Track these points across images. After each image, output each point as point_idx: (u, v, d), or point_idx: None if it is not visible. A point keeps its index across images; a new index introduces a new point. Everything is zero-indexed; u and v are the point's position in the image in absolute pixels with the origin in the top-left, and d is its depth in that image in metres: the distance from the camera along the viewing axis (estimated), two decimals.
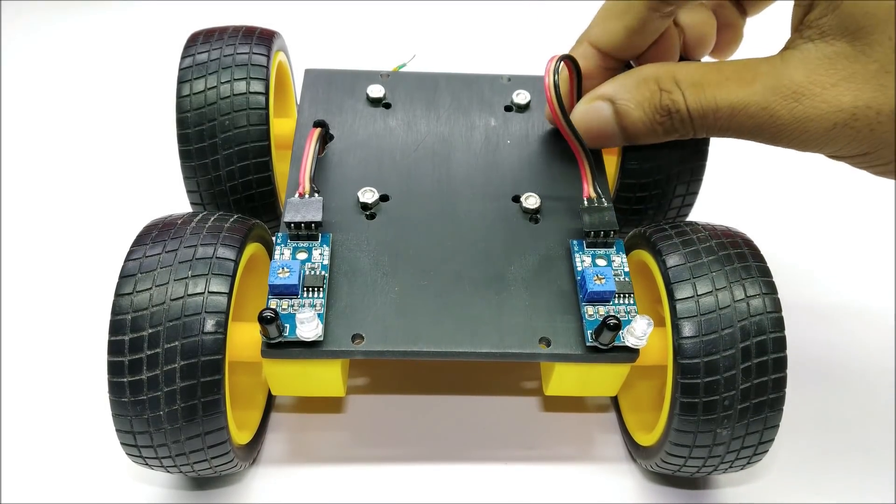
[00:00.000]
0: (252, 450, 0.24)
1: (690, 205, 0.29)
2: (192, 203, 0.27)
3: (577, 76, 0.25)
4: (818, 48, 0.21)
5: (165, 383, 0.19)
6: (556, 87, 0.24)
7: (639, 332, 0.21)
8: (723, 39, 0.27)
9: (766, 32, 0.29)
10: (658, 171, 0.27)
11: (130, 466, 0.25)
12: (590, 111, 0.25)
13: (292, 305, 0.22)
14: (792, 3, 0.22)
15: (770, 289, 0.21)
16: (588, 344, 0.22)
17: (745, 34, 0.28)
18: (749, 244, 0.23)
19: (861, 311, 0.32)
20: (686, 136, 0.24)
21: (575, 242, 0.24)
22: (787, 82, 0.21)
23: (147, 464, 0.21)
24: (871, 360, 0.30)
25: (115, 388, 0.20)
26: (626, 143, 0.25)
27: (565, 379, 0.23)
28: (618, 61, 0.25)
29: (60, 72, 0.42)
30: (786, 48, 0.22)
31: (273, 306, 0.21)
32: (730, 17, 0.27)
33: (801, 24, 0.21)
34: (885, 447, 0.27)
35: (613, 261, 0.24)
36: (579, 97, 0.25)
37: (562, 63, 0.24)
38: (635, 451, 0.25)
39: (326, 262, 0.23)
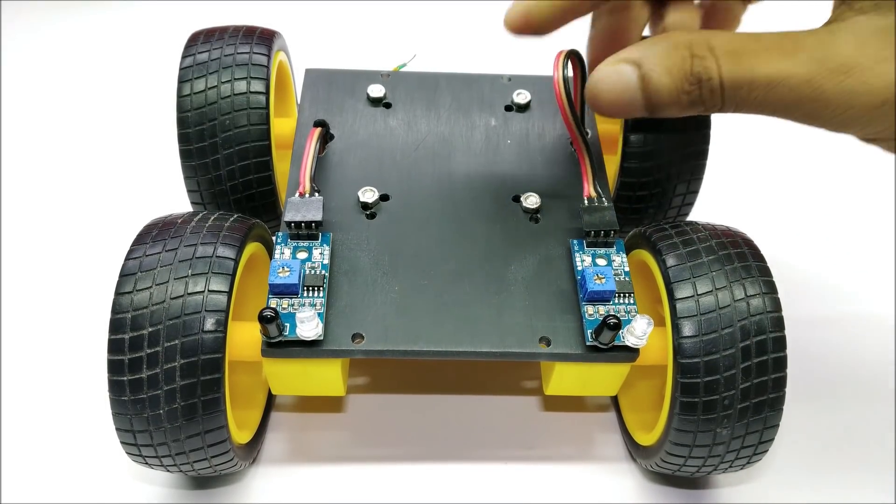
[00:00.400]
0: (252, 449, 0.24)
1: (691, 204, 0.29)
2: (192, 202, 0.27)
3: (581, 73, 0.25)
4: (870, 20, 0.19)
5: (165, 382, 0.19)
6: (565, 80, 0.23)
7: (639, 331, 0.21)
8: (718, 21, 0.26)
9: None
10: (658, 171, 0.27)
11: (130, 466, 0.25)
12: (612, 74, 0.22)
13: (292, 305, 0.22)
14: None
15: (770, 288, 0.21)
16: (588, 343, 0.22)
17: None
18: (749, 244, 0.23)
19: (861, 310, 0.32)
20: (712, 109, 0.22)
21: (575, 242, 0.24)
22: (834, 55, 0.19)
23: (147, 463, 0.21)
24: (871, 359, 0.30)
25: (115, 387, 0.20)
26: (646, 114, 0.23)
27: (565, 378, 0.23)
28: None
29: (60, 72, 0.42)
30: (832, 20, 0.20)
31: (273, 305, 0.21)
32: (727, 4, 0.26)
33: None
34: (885, 447, 0.27)
35: (613, 260, 0.24)
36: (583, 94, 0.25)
37: (569, 59, 0.24)
38: (635, 450, 0.25)
39: (327, 261, 0.23)
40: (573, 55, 0.24)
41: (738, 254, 0.22)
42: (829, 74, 0.20)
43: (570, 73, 0.24)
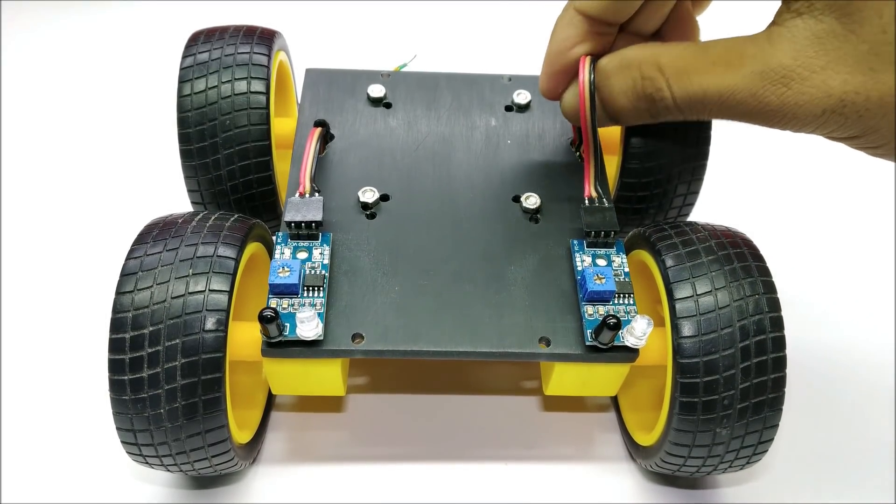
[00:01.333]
0: (252, 449, 0.24)
1: (691, 204, 0.29)
2: (192, 202, 0.27)
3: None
4: (807, 25, 0.19)
5: (166, 381, 0.20)
6: (592, 84, 0.23)
7: (638, 331, 0.21)
8: None
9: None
10: (659, 171, 0.27)
11: (131, 465, 0.25)
12: (577, 96, 0.24)
13: (292, 305, 0.22)
14: None
15: (769, 288, 0.21)
16: (588, 343, 0.22)
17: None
18: (748, 244, 0.23)
19: (861, 310, 0.32)
20: (677, 118, 0.23)
21: (575, 242, 0.24)
22: (775, 65, 0.20)
23: (147, 462, 0.21)
24: (870, 359, 0.30)
25: (116, 386, 0.20)
26: (617, 125, 0.25)
27: (565, 378, 0.23)
28: (607, 25, 0.24)
29: (61, 72, 0.42)
30: (774, 23, 0.20)
31: (273, 305, 0.21)
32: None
33: None
34: (885, 447, 0.27)
35: (613, 261, 0.24)
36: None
37: (594, 61, 0.24)
38: (635, 450, 0.25)
39: (327, 261, 0.23)
40: (598, 59, 0.24)
41: (737, 254, 0.22)
42: (770, 86, 0.20)
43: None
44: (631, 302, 0.23)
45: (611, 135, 0.29)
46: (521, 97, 0.29)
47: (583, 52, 0.24)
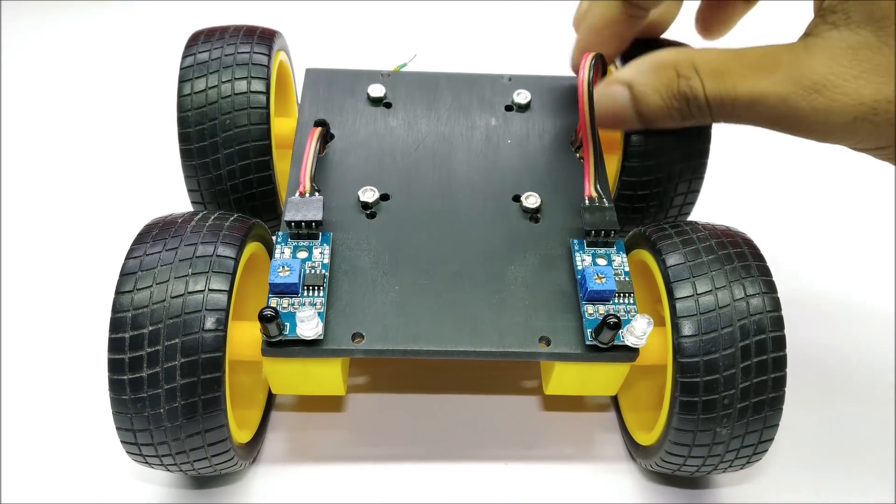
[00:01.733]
0: (252, 448, 0.24)
1: (692, 203, 0.29)
2: (192, 202, 0.27)
3: (603, 75, 0.25)
4: (842, 36, 0.20)
5: (166, 381, 0.19)
6: (590, 83, 0.24)
7: (638, 331, 0.21)
8: (716, 18, 0.27)
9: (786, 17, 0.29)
10: (659, 170, 0.27)
11: (131, 465, 0.25)
12: (606, 95, 0.24)
13: (292, 304, 0.22)
14: None
15: (770, 288, 0.21)
16: (588, 343, 0.22)
17: (747, 21, 0.28)
18: (749, 243, 0.23)
19: (861, 310, 0.32)
20: (704, 122, 0.23)
21: (575, 241, 0.24)
22: (808, 73, 0.20)
23: (147, 462, 0.21)
24: (871, 359, 0.30)
25: (116, 386, 0.20)
26: (642, 127, 0.25)
27: (565, 378, 0.23)
28: (642, 8, 0.25)
29: (61, 71, 0.42)
30: (808, 34, 0.21)
31: (273, 305, 0.21)
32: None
33: (824, 8, 0.20)
34: (885, 447, 0.27)
35: (614, 260, 0.24)
36: None
37: (594, 60, 0.25)
38: (635, 450, 0.25)
39: (327, 260, 0.23)
40: (599, 58, 0.25)
41: (737, 253, 0.22)
42: (803, 93, 0.20)
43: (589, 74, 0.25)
44: (631, 301, 0.23)
45: (611, 134, 0.29)
46: (522, 97, 0.29)
47: (616, 32, 0.25)
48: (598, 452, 0.26)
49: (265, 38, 0.28)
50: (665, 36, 0.28)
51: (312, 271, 0.22)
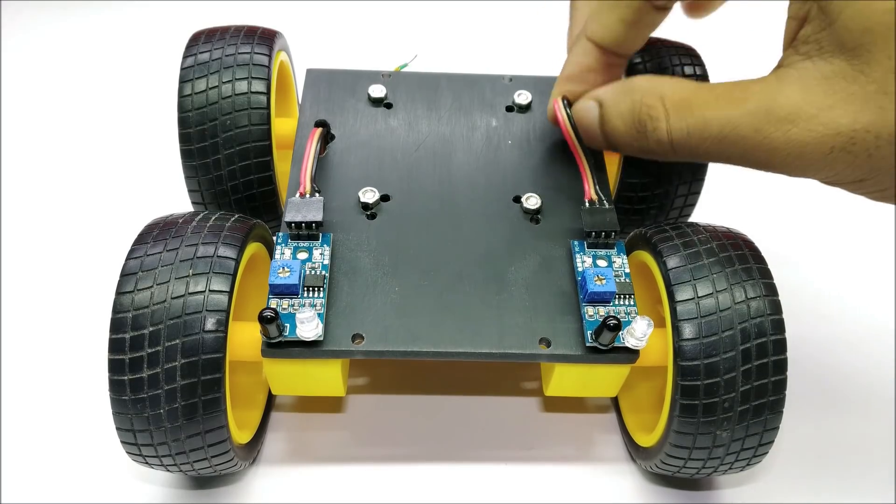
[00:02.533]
0: (252, 449, 0.24)
1: (692, 205, 0.29)
2: (193, 202, 0.27)
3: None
4: (816, 66, 0.19)
5: (166, 381, 0.19)
6: (570, 118, 0.25)
7: (639, 333, 0.21)
8: None
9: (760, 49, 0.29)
10: (660, 171, 0.27)
11: (131, 465, 0.25)
12: (580, 110, 0.25)
13: (293, 305, 0.22)
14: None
15: (771, 291, 0.21)
16: (588, 344, 0.22)
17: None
18: (750, 246, 0.23)
19: (862, 312, 0.32)
20: (664, 156, 0.23)
21: (576, 243, 0.24)
22: (782, 103, 0.20)
23: (147, 462, 0.21)
24: (871, 361, 0.30)
25: (116, 386, 0.20)
26: (607, 149, 0.25)
27: (565, 379, 0.23)
28: (619, 56, 0.24)
29: (61, 71, 0.42)
30: (780, 66, 0.20)
31: (273, 306, 0.21)
32: None
33: (796, 40, 0.20)
34: (885, 448, 0.27)
35: (614, 262, 0.24)
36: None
37: (564, 100, 0.25)
38: (635, 451, 0.25)
39: (327, 261, 0.23)
40: (565, 98, 0.25)
41: (738, 255, 0.22)
42: (776, 123, 0.20)
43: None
44: (631, 303, 0.23)
45: None
46: (522, 98, 0.29)
47: (596, 82, 0.25)
48: (598, 454, 0.26)
49: (266, 38, 0.28)
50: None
51: (312, 272, 0.22)
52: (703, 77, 0.28)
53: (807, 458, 0.26)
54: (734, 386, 0.20)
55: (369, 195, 0.25)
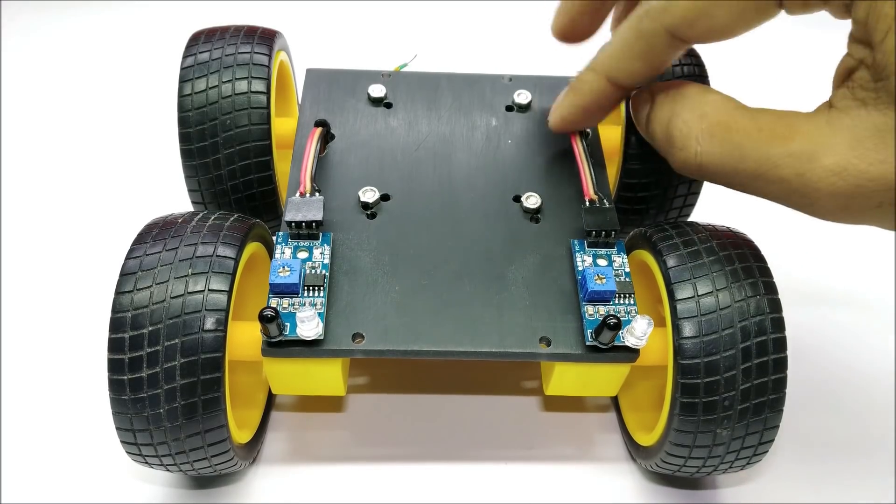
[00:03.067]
0: (252, 449, 0.24)
1: (692, 205, 0.29)
2: (193, 202, 0.27)
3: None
4: (870, 116, 0.18)
5: (165, 381, 0.19)
6: (586, 152, 0.25)
7: (639, 332, 0.21)
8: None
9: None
10: (659, 171, 0.27)
11: (131, 465, 0.25)
12: (636, 102, 0.24)
13: (293, 304, 0.22)
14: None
15: (771, 289, 0.21)
16: (588, 343, 0.22)
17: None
18: (750, 244, 0.23)
19: (862, 312, 0.32)
20: (693, 177, 0.22)
21: (576, 242, 0.24)
22: (830, 152, 0.18)
23: (147, 462, 0.21)
24: (871, 360, 0.30)
25: (115, 386, 0.20)
26: (641, 130, 0.24)
27: (565, 378, 0.23)
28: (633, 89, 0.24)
29: (61, 72, 0.42)
30: (832, 105, 0.19)
31: (273, 305, 0.21)
32: None
33: (852, 80, 0.19)
34: (885, 447, 0.27)
35: (614, 261, 0.24)
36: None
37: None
38: (635, 451, 0.25)
39: (327, 261, 0.23)
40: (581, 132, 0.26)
41: (738, 254, 0.22)
42: (822, 172, 0.19)
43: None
44: (631, 302, 0.23)
45: (612, 134, 0.29)
46: (522, 97, 0.29)
47: (601, 114, 0.24)
48: (599, 453, 0.26)
49: (266, 38, 0.28)
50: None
51: (313, 271, 0.22)
52: (702, 77, 0.28)
53: (807, 457, 0.26)
54: (734, 384, 0.20)
55: (369, 195, 0.25)
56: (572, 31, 0.25)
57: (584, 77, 0.23)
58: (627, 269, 0.23)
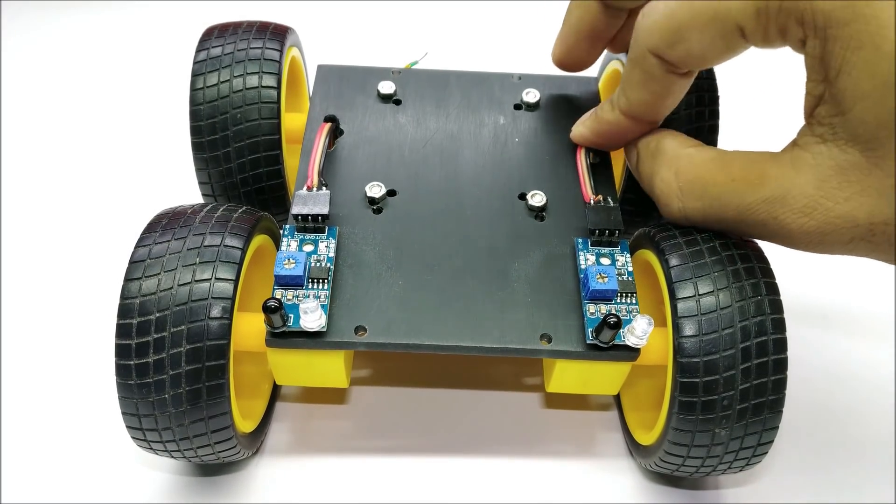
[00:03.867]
0: (256, 438, 0.25)
1: None
2: (203, 194, 0.28)
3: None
4: (831, 153, 0.19)
5: (171, 366, 0.20)
6: (589, 168, 0.26)
7: (639, 331, 0.21)
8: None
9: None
10: None
11: (137, 452, 0.25)
12: (628, 153, 0.25)
13: (297, 296, 0.22)
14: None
15: (772, 290, 0.21)
16: (589, 342, 0.22)
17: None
18: (753, 245, 0.23)
19: (862, 312, 0.31)
20: (682, 223, 0.23)
21: (579, 240, 0.24)
22: (797, 193, 0.19)
23: (152, 448, 0.22)
24: (872, 361, 0.30)
25: (122, 371, 0.20)
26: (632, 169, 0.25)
27: (566, 376, 0.23)
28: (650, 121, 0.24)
29: (77, 65, 0.42)
30: (797, 144, 0.20)
31: (278, 296, 0.22)
32: None
33: (812, 117, 0.19)
34: (885, 448, 0.27)
35: (617, 260, 0.24)
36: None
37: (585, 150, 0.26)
38: (635, 449, 0.25)
39: (332, 254, 0.23)
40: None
41: (741, 255, 0.22)
42: (792, 215, 0.19)
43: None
44: (633, 301, 0.23)
45: None
46: (531, 96, 0.29)
47: (622, 141, 0.25)
48: (599, 451, 0.26)
49: (277, 34, 0.28)
50: None
51: (318, 264, 0.23)
52: (711, 91, 0.28)
53: (807, 458, 0.26)
54: (733, 384, 0.20)
55: (376, 190, 0.25)
56: (570, 61, 0.27)
57: (605, 107, 0.25)
58: (630, 269, 0.23)
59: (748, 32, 0.19)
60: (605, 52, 0.31)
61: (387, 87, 0.29)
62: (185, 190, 0.30)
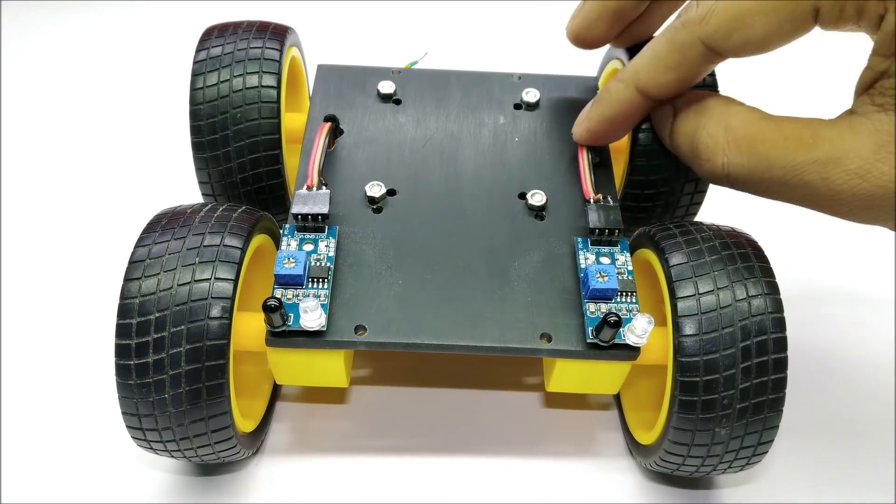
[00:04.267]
0: (256, 438, 0.25)
1: (699, 204, 0.29)
2: (203, 194, 0.28)
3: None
4: (891, 120, 0.19)
5: (171, 366, 0.20)
6: (591, 165, 0.26)
7: (639, 330, 0.21)
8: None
9: None
10: (666, 170, 0.27)
11: (137, 452, 0.25)
12: (657, 116, 0.24)
13: (297, 295, 0.22)
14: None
15: (772, 289, 0.21)
16: (589, 341, 0.22)
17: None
18: (753, 244, 0.23)
19: (862, 312, 0.31)
20: (721, 185, 0.23)
21: (579, 240, 0.24)
22: (853, 156, 0.19)
23: (152, 448, 0.22)
24: (871, 361, 0.30)
25: (122, 371, 0.20)
26: (663, 140, 0.25)
27: (566, 375, 0.23)
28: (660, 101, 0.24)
29: (77, 65, 0.42)
30: (853, 112, 0.20)
31: (278, 296, 0.22)
32: None
33: (873, 89, 0.19)
34: (885, 447, 0.27)
35: (617, 259, 0.24)
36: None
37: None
38: (635, 449, 0.25)
39: (332, 253, 0.23)
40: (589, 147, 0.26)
41: (741, 254, 0.22)
42: (845, 176, 0.19)
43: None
44: (633, 300, 0.23)
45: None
46: (530, 95, 0.29)
47: (630, 125, 0.25)
48: (599, 450, 0.26)
49: (277, 33, 0.28)
50: None
51: (317, 263, 0.23)
52: (712, 85, 0.28)
53: (807, 457, 0.26)
54: (733, 383, 0.20)
55: (376, 189, 0.25)
56: (587, 35, 0.26)
57: (612, 87, 0.24)
58: (630, 268, 0.23)
59: (823, 13, 0.19)
60: (606, 52, 0.31)
61: (387, 86, 0.29)
62: (185, 190, 0.30)
